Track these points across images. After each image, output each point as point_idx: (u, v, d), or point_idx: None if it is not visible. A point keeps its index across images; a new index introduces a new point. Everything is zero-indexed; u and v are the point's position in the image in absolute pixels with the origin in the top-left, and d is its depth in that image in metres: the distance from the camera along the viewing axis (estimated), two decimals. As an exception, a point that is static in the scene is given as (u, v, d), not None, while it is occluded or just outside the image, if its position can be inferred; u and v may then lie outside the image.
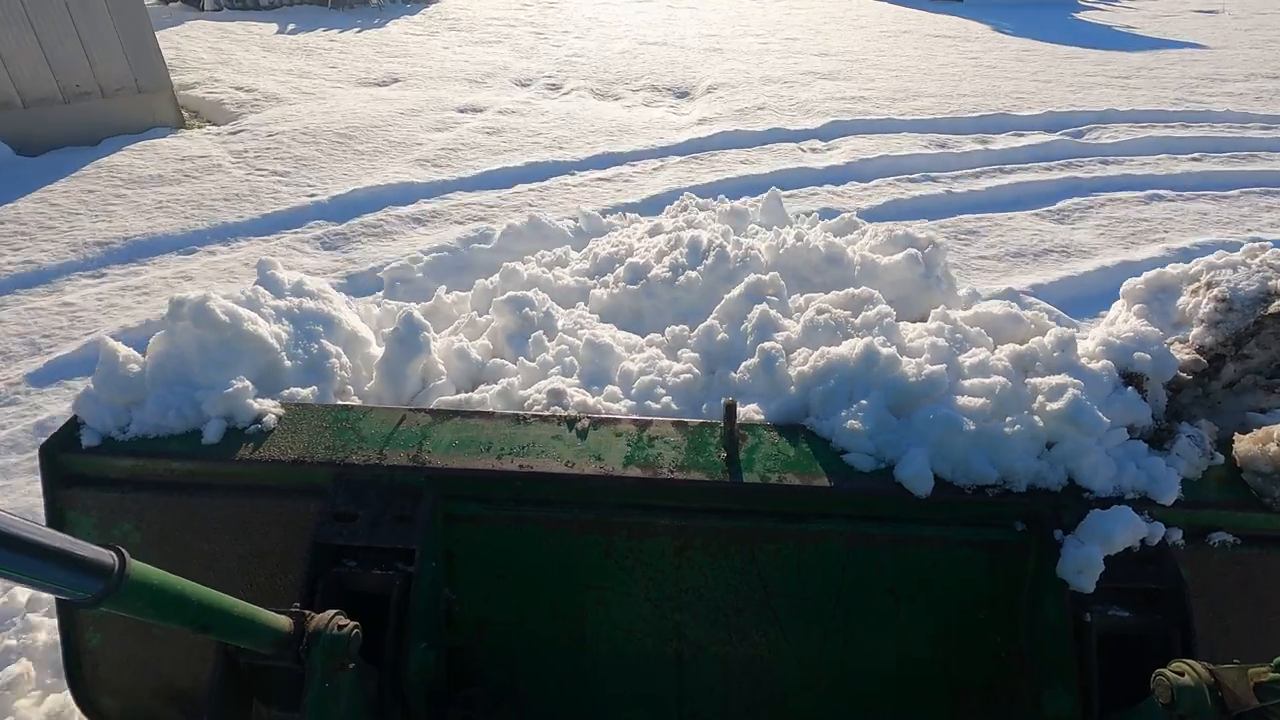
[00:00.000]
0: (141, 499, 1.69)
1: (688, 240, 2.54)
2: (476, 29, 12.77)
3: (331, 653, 1.32)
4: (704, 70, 10.53)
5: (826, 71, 10.59)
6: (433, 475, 1.64)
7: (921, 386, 1.72)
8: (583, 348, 2.12)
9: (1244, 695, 1.31)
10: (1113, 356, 1.82)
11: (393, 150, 7.06)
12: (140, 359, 1.79)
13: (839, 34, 13.83)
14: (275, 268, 2.13)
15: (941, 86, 9.87)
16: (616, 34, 13.08)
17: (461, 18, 13.62)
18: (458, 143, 7.35)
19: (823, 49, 12.28)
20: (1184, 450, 1.68)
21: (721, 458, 1.68)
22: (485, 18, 13.77)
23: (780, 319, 2.08)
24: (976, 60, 11.76)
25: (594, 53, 11.49)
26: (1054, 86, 10.05)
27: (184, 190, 6.00)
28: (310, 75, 9.43)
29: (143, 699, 1.80)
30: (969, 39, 13.67)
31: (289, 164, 6.62)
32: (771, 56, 11.57)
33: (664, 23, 14.42)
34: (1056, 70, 11.11)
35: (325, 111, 7.94)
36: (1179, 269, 2.05)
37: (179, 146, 6.86)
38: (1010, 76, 10.63)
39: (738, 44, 12.55)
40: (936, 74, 10.66)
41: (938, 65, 11.27)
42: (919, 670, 1.70)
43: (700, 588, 1.69)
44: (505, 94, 9.08)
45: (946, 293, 2.75)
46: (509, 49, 11.48)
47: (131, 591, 0.99)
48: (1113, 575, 1.50)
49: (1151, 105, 9.08)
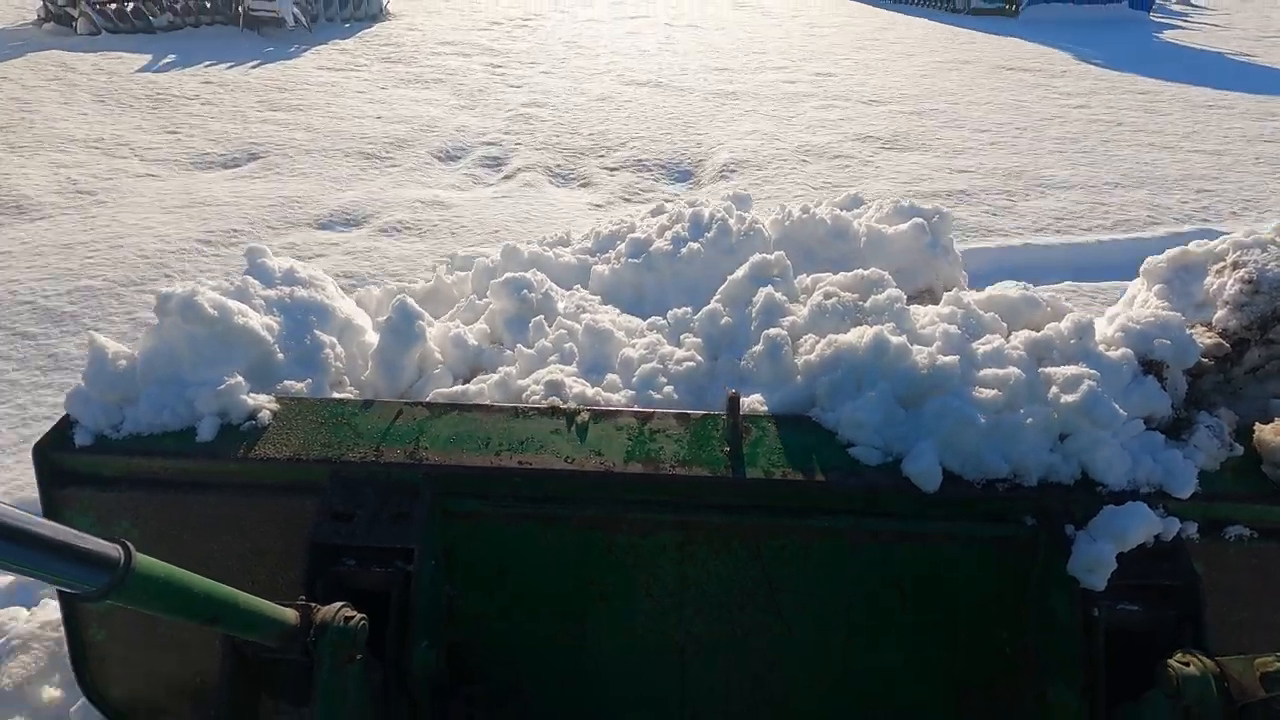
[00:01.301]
0: (137, 497, 1.68)
1: (689, 215, 2.46)
2: (418, 60, 9.97)
3: (339, 645, 1.32)
4: (714, 129, 7.49)
5: (889, 135, 7.35)
6: (430, 472, 1.61)
7: (932, 378, 1.66)
8: (582, 333, 2.06)
9: (1250, 686, 1.30)
10: (1132, 343, 1.75)
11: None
12: (130, 355, 1.76)
13: (883, 66, 10.57)
14: (265, 255, 2.07)
15: (1067, 163, 6.36)
16: (597, 67, 10.23)
17: (405, 43, 10.76)
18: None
19: (870, 91, 9.18)
20: (1202, 441, 1.63)
21: (725, 452, 1.64)
22: (435, 43, 10.83)
23: (786, 303, 2.01)
24: (1087, 111, 8.47)
25: (563, 98, 8.55)
26: (1239, 167, 6.53)
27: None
28: (121, 151, 6.17)
29: (150, 690, 1.82)
30: (1053, 73, 10.41)
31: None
32: (806, 105, 8.43)
33: (659, 49, 11.48)
34: (1212, 130, 7.79)
35: (71, 241, 4.65)
36: (1204, 247, 1.97)
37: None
38: (1160, 143, 7.20)
39: (756, 82, 9.57)
40: (1048, 137, 7.33)
41: (1038, 119, 8.01)
42: (924, 666, 1.68)
43: (703, 583, 1.67)
44: (412, 181, 5.86)
45: (952, 263, 2.68)
46: (449, 92, 8.60)
47: (137, 584, 0.99)
48: (1124, 571, 1.47)
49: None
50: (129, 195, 5.52)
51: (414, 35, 11.45)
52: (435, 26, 12.17)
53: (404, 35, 11.44)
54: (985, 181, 6.03)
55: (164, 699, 1.81)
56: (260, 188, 5.68)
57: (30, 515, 0.87)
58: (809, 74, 10.15)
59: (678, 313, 2.15)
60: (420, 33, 11.62)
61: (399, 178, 6.06)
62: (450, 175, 6.24)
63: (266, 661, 1.39)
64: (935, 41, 12.91)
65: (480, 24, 12.71)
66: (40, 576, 0.92)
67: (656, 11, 15.41)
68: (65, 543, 0.90)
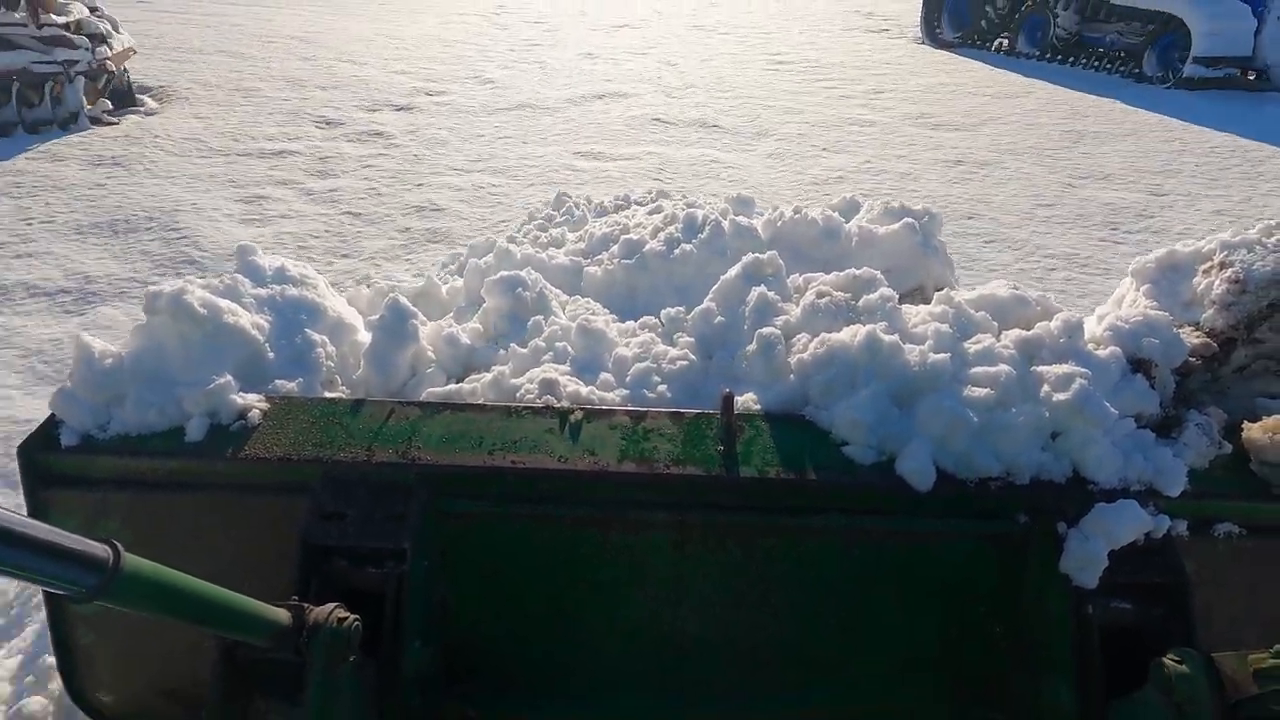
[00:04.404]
0: (126, 498, 1.66)
1: (683, 216, 2.47)
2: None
3: (333, 646, 1.31)
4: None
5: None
6: (423, 472, 1.60)
7: (924, 376, 1.67)
8: (575, 332, 2.06)
9: (1243, 682, 1.30)
10: (1121, 342, 1.77)
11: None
12: (117, 354, 1.73)
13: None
14: (255, 254, 2.06)
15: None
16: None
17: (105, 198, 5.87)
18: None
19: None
20: (1192, 439, 1.65)
21: (719, 451, 1.64)
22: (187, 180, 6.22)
23: (779, 302, 2.02)
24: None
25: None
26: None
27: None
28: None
29: (139, 693, 1.80)
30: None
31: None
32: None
33: (652, 172, 6.83)
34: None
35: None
36: (1191, 247, 1.99)
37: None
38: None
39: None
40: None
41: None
42: (918, 664, 1.69)
43: (698, 582, 1.67)
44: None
45: (943, 263, 2.70)
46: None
47: (126, 585, 0.97)
48: (1116, 568, 1.48)
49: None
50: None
51: (133, 174, 6.40)
52: (212, 131, 7.48)
53: (131, 149, 6.86)
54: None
55: (153, 702, 1.79)
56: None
57: (16, 515, 0.86)
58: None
59: (671, 312, 2.15)
60: (155, 158, 6.73)
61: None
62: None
63: (258, 662, 1.38)
64: (1151, 145, 7.53)
65: (314, 110, 7.81)
66: (26, 578, 0.90)
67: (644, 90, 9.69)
68: (52, 543, 0.88)
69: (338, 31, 11.61)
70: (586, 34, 14.00)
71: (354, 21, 13.32)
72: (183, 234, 5.50)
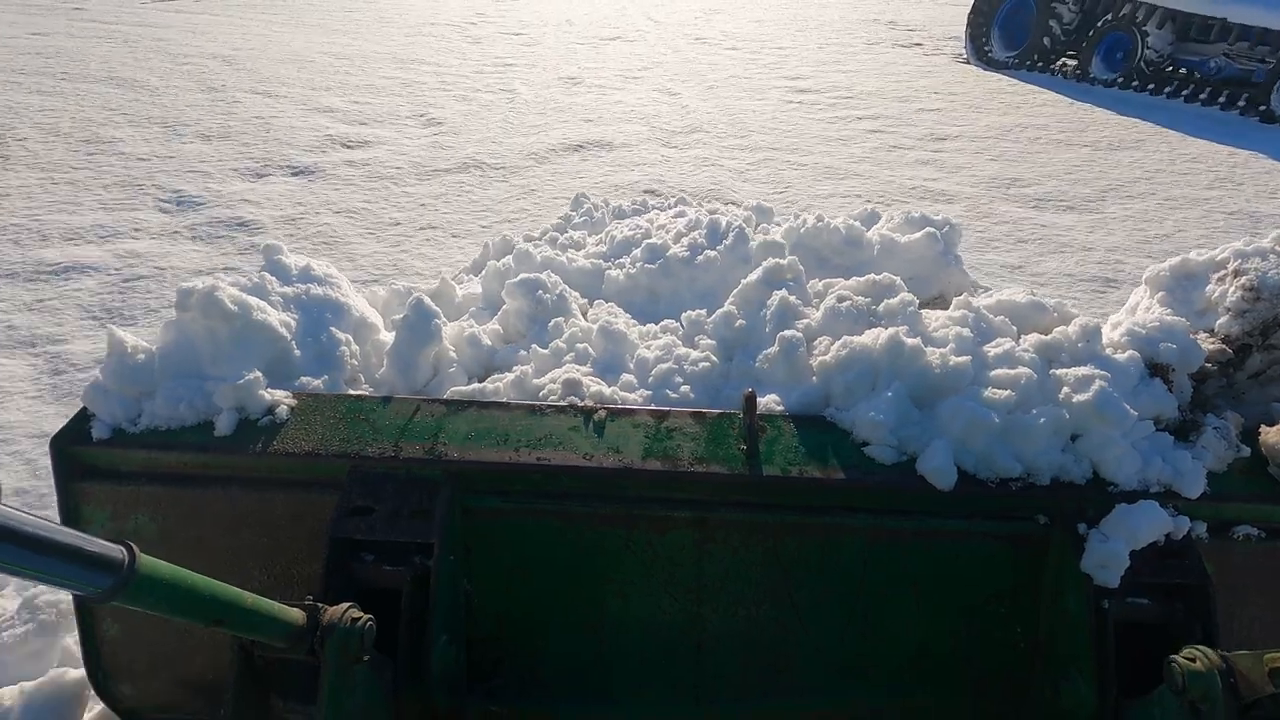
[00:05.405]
0: (155, 491, 1.67)
1: (707, 222, 2.50)
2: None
3: (345, 646, 1.31)
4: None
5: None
6: (450, 468, 1.62)
7: (946, 378, 1.69)
8: (597, 334, 2.08)
9: (1259, 681, 1.30)
10: (1138, 347, 1.79)
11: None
12: (148, 349, 1.76)
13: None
14: (282, 253, 2.08)
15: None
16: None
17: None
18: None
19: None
20: (1210, 442, 1.67)
21: (741, 450, 1.66)
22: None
23: (800, 306, 2.04)
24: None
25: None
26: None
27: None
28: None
29: (161, 687, 1.80)
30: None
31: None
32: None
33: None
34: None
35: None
36: (1205, 256, 2.02)
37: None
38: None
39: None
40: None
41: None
42: (938, 663, 1.70)
43: (721, 580, 1.68)
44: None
45: (962, 273, 2.73)
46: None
47: (141, 586, 0.98)
48: (1136, 569, 1.49)
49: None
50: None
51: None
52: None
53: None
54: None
55: (175, 695, 1.80)
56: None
57: (34, 517, 0.87)
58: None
59: (691, 315, 2.17)
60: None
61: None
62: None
63: (275, 661, 1.38)
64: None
65: (172, 175, 5.94)
66: (43, 580, 0.91)
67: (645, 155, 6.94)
68: (68, 545, 0.90)
69: (275, 48, 9.54)
70: (571, 49, 11.78)
71: (302, 35, 11.07)
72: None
